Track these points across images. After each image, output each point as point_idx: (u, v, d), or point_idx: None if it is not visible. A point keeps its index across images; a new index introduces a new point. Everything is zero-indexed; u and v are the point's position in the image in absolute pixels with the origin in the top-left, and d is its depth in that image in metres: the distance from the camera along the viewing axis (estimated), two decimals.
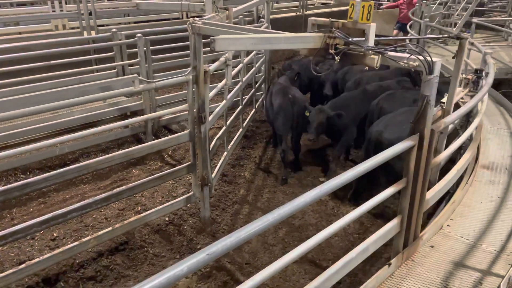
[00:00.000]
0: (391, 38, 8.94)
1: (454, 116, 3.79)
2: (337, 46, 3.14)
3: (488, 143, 5.64)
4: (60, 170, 4.07)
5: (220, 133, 6.05)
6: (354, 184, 5.84)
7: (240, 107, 7.32)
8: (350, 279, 4.33)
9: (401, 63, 3.02)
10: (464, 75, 4.91)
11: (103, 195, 4.26)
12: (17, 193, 3.86)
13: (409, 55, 2.98)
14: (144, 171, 6.39)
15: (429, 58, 2.93)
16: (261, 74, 8.78)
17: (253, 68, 7.92)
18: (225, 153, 6.36)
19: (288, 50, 9.67)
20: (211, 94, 5.15)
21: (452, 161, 4.92)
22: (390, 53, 3.07)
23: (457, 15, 12.15)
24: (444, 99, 3.86)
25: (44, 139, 5.25)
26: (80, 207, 4.05)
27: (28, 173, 6.11)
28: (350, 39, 3.10)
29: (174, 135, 4.98)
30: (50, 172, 4.04)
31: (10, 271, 3.81)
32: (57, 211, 3.95)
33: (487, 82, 4.68)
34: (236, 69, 6.64)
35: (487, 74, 4.96)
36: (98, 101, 6.84)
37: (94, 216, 5.24)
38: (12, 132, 6.00)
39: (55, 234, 4.92)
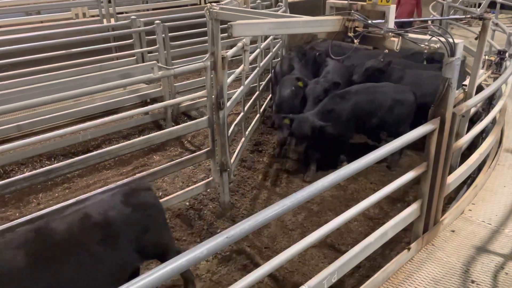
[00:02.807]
0: (412, 20, 8.72)
1: (476, 99, 3.71)
2: (356, 29, 3.10)
3: None
4: (83, 156, 4.17)
5: (238, 119, 6.06)
6: None
7: (257, 92, 7.31)
8: (369, 263, 4.33)
9: (422, 45, 2.96)
10: (487, 57, 4.78)
11: (125, 180, 4.34)
12: (42, 179, 3.98)
13: (430, 37, 2.92)
14: (165, 157, 6.48)
15: (451, 40, 2.87)
16: (278, 59, 8.73)
17: (270, 53, 7.87)
18: (243, 139, 6.39)
19: (307, 34, 9.56)
20: (229, 80, 5.15)
21: (475, 145, 4.83)
22: (410, 35, 3.01)
23: None
24: (466, 82, 3.78)
25: (67, 126, 5.36)
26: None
27: (52, 159, 6.28)
28: (370, 22, 3.06)
29: (193, 121, 5.02)
30: (73, 158, 4.14)
31: None
32: (81, 196, 4.05)
33: (511, 64, 4.54)
34: (254, 55, 6.60)
35: (511, 55, 4.82)
36: (119, 88, 6.94)
37: None
38: (36, 120, 6.17)
39: None
